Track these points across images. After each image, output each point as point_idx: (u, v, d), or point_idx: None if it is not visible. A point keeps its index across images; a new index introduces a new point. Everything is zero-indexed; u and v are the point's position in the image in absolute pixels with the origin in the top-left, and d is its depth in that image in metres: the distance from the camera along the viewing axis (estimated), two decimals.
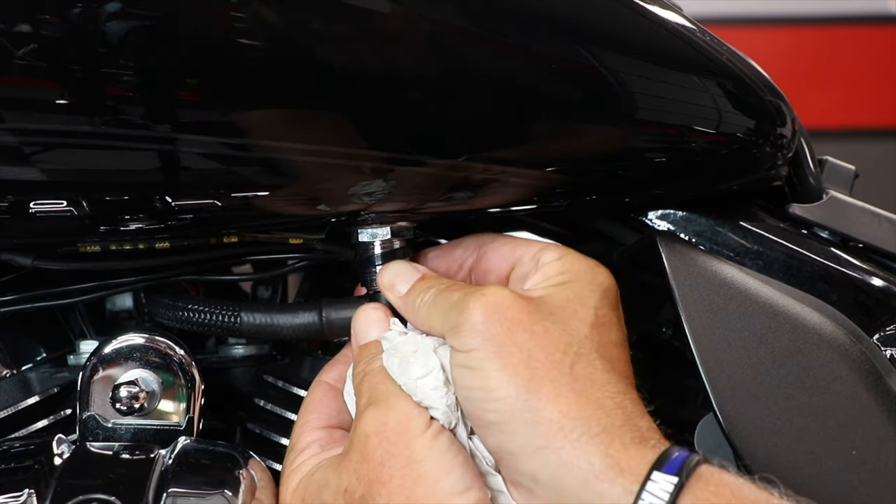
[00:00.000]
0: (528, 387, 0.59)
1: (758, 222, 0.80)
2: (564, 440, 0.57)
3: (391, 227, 0.74)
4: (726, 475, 0.56)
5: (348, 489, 0.62)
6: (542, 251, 0.69)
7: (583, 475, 0.57)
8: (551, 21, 0.68)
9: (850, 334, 0.71)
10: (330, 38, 0.63)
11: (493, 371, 0.60)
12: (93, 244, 0.73)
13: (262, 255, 0.80)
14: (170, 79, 0.62)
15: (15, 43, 0.60)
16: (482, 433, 0.62)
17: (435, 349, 0.66)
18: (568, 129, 0.71)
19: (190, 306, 0.77)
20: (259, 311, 0.76)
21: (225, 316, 0.76)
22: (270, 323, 0.76)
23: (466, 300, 0.63)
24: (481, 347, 0.61)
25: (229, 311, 0.76)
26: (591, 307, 0.64)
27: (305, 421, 0.70)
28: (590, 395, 0.60)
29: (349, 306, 0.74)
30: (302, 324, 0.76)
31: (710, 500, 0.54)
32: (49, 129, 0.62)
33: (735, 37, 0.81)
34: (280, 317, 0.76)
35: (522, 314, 0.62)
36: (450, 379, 0.64)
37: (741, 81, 0.74)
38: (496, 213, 0.76)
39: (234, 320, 0.76)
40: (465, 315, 0.62)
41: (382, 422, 0.62)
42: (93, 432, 0.71)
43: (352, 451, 0.63)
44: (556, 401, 0.59)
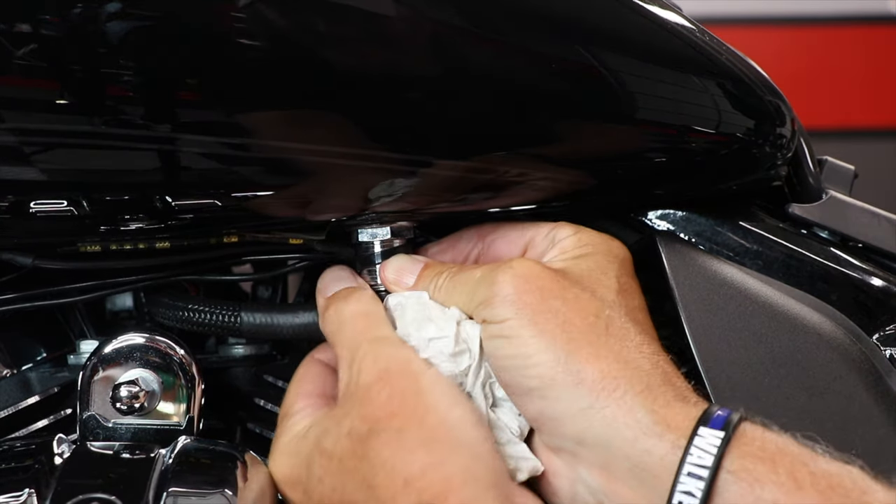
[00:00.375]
0: (567, 350, 0.60)
1: (757, 222, 0.80)
2: (609, 399, 0.58)
3: (391, 227, 0.74)
4: (769, 432, 0.56)
5: (351, 431, 0.60)
6: (554, 229, 0.70)
7: (630, 433, 0.57)
8: (551, 21, 0.68)
9: (849, 334, 0.71)
10: (330, 38, 0.63)
11: (531, 338, 0.60)
12: (93, 244, 0.73)
13: (262, 256, 0.80)
14: (170, 79, 0.62)
15: (15, 43, 0.60)
16: (522, 402, 0.62)
17: (458, 321, 0.66)
18: (567, 130, 0.71)
19: (190, 306, 0.77)
20: (259, 311, 0.76)
21: (225, 316, 0.76)
22: (270, 323, 0.76)
23: (494, 274, 0.63)
24: (516, 316, 0.61)
25: (229, 310, 0.76)
26: (613, 275, 0.66)
27: (298, 390, 0.69)
28: (628, 355, 0.60)
29: None
30: (302, 323, 0.76)
31: (755, 454, 0.55)
32: (49, 129, 0.63)
33: (735, 37, 0.81)
34: (280, 317, 0.76)
35: (552, 282, 0.63)
36: (472, 352, 0.65)
37: (741, 81, 0.74)
38: (496, 213, 0.76)
39: (234, 320, 0.76)
40: (495, 287, 0.63)
41: (384, 368, 0.61)
42: (93, 432, 0.71)
43: (351, 398, 0.62)
44: (597, 361, 0.59)
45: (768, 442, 0.55)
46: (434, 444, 0.57)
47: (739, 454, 0.55)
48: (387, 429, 0.58)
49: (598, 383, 0.58)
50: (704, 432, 0.55)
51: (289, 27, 0.63)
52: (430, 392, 0.60)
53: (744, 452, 0.55)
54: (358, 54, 0.64)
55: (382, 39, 0.64)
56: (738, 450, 0.55)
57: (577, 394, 0.58)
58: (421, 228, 0.79)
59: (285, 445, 0.65)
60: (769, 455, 0.54)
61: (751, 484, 0.53)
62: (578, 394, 0.58)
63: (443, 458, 0.56)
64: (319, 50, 0.64)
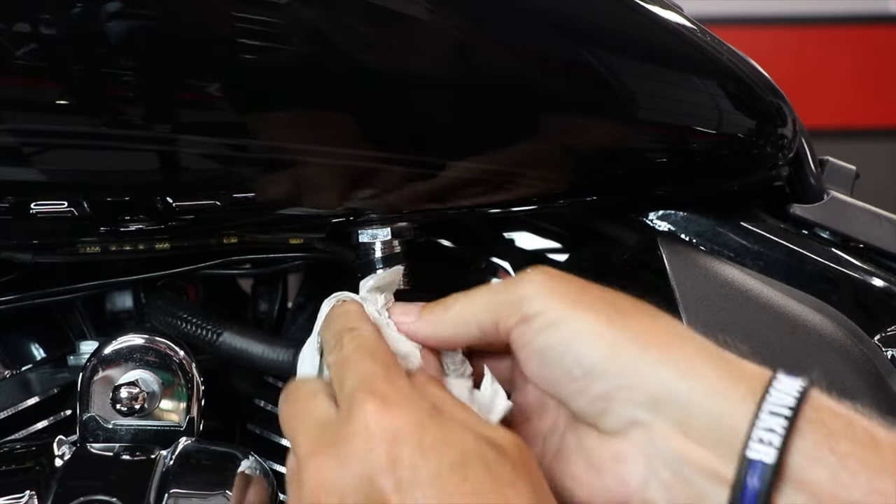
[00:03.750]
0: (622, 316, 0.58)
1: (758, 223, 0.80)
2: (679, 353, 0.56)
3: (392, 228, 0.74)
4: (835, 405, 0.54)
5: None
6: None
7: (706, 382, 0.55)
8: (552, 21, 0.68)
9: (850, 335, 0.71)
10: (330, 38, 0.63)
11: (581, 313, 0.58)
12: (93, 245, 0.73)
13: (262, 255, 0.80)
14: (170, 79, 0.62)
15: (15, 43, 0.60)
16: (583, 387, 0.58)
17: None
18: (568, 129, 0.71)
19: (180, 314, 0.76)
20: (241, 335, 0.75)
21: (207, 332, 0.75)
22: (247, 350, 0.75)
23: (513, 281, 0.61)
24: (556, 299, 0.59)
25: (211, 328, 0.75)
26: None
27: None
28: (675, 326, 0.58)
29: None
30: (275, 360, 0.75)
31: (832, 410, 0.53)
32: (49, 130, 0.63)
33: (735, 37, 0.81)
34: (257, 347, 0.75)
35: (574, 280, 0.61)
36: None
37: (741, 81, 0.74)
38: (496, 213, 0.76)
39: (215, 338, 0.75)
40: (521, 285, 0.60)
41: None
42: (93, 433, 0.71)
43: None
44: (656, 322, 0.58)
45: (842, 406, 0.54)
46: None
47: (816, 407, 0.53)
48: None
49: (664, 340, 0.56)
50: (782, 378, 0.54)
51: (288, 27, 0.63)
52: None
53: (819, 406, 0.53)
54: (357, 54, 0.64)
55: (381, 39, 0.64)
56: (815, 403, 0.53)
57: (646, 353, 0.56)
58: (421, 229, 0.79)
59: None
60: (845, 414, 0.53)
61: (826, 436, 0.52)
62: (648, 353, 0.56)
63: None
64: (319, 50, 0.64)
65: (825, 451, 0.51)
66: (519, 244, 0.98)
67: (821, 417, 0.52)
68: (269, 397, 0.82)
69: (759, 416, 0.52)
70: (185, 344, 0.74)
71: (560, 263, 0.95)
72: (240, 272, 0.84)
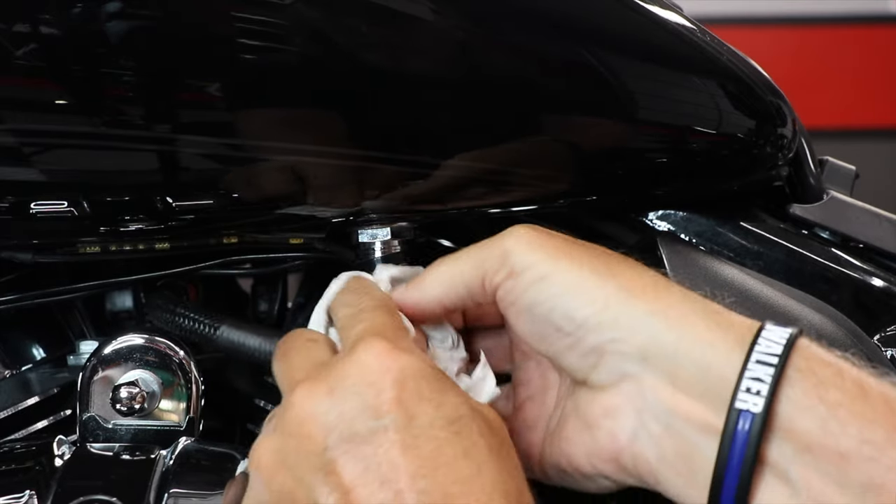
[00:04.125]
0: (609, 268, 0.57)
1: (758, 223, 0.80)
2: (668, 302, 0.55)
3: (392, 228, 0.74)
4: (824, 353, 0.53)
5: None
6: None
7: (696, 331, 0.54)
8: (551, 21, 0.68)
9: (850, 335, 0.71)
10: (329, 37, 0.63)
11: (569, 265, 0.57)
12: (93, 245, 0.73)
13: (262, 255, 0.80)
14: (169, 79, 0.62)
15: (15, 43, 0.60)
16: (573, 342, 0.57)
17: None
18: (568, 129, 0.71)
19: (178, 310, 0.76)
20: (239, 328, 0.75)
21: (205, 326, 0.75)
22: (244, 343, 0.75)
23: (499, 237, 0.60)
24: (544, 254, 0.58)
25: (209, 322, 0.75)
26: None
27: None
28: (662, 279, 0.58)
29: None
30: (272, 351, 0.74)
31: (821, 359, 0.52)
32: (49, 130, 0.63)
33: (735, 37, 0.81)
34: (254, 339, 0.75)
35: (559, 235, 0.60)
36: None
37: (741, 81, 0.74)
38: (496, 213, 0.76)
39: (213, 332, 0.75)
40: (506, 240, 0.60)
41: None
42: (93, 433, 0.71)
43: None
44: (645, 274, 0.57)
45: (831, 355, 0.53)
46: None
47: (805, 356, 0.52)
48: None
49: (651, 292, 0.56)
50: (771, 328, 0.53)
51: (287, 27, 0.63)
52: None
53: (809, 355, 0.52)
54: (357, 54, 0.64)
55: (381, 39, 0.64)
56: (804, 352, 0.52)
57: (636, 303, 0.56)
58: (421, 229, 0.79)
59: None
60: (834, 363, 0.52)
61: (815, 385, 0.51)
62: (637, 303, 0.56)
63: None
64: (318, 50, 0.64)
65: (814, 399, 0.51)
66: None
67: (810, 366, 0.52)
68: (269, 397, 0.82)
69: (748, 366, 0.52)
70: (185, 344, 0.74)
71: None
72: (240, 272, 0.84)
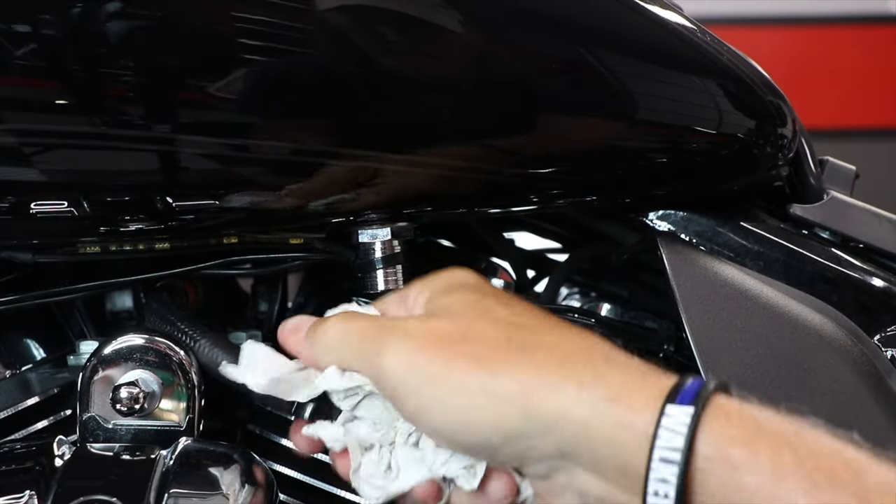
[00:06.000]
0: (495, 381, 0.55)
1: (758, 223, 0.80)
2: (568, 398, 0.53)
3: (392, 228, 0.74)
4: (747, 406, 0.51)
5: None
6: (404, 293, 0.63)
7: (601, 429, 0.52)
8: (551, 21, 0.68)
9: (850, 335, 0.71)
10: (329, 38, 0.63)
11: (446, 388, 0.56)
12: (93, 245, 0.73)
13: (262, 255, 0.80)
14: (169, 79, 0.62)
15: (15, 43, 0.60)
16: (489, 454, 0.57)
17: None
18: (568, 129, 0.71)
19: (168, 317, 0.76)
20: (215, 346, 0.74)
21: (186, 337, 0.74)
22: (215, 363, 0.74)
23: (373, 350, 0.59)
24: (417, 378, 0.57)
25: (191, 333, 0.74)
26: (484, 296, 0.60)
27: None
28: (555, 355, 0.55)
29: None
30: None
31: (732, 435, 0.50)
32: (49, 130, 0.63)
33: (735, 37, 0.81)
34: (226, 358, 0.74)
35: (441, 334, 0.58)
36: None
37: (741, 81, 0.74)
38: (496, 214, 0.76)
39: (193, 344, 0.74)
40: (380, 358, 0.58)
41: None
42: (93, 433, 0.71)
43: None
44: (533, 375, 0.54)
45: (746, 419, 0.51)
46: None
47: (714, 436, 0.50)
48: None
49: (547, 398, 0.54)
50: (673, 410, 0.50)
51: (287, 27, 0.63)
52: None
53: (719, 433, 0.50)
54: (357, 54, 0.64)
55: (381, 40, 0.64)
56: (713, 429, 0.50)
57: (533, 417, 0.54)
58: (421, 229, 0.79)
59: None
60: (748, 436, 0.50)
61: (730, 471, 0.49)
62: (534, 416, 0.54)
63: None
64: (318, 50, 0.64)
65: (732, 488, 0.49)
66: (519, 244, 0.98)
67: (721, 450, 0.50)
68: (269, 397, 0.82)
69: (652, 466, 0.50)
70: None
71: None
72: (240, 272, 0.84)
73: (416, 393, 0.57)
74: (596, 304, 0.96)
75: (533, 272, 0.97)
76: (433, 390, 0.56)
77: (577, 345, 0.56)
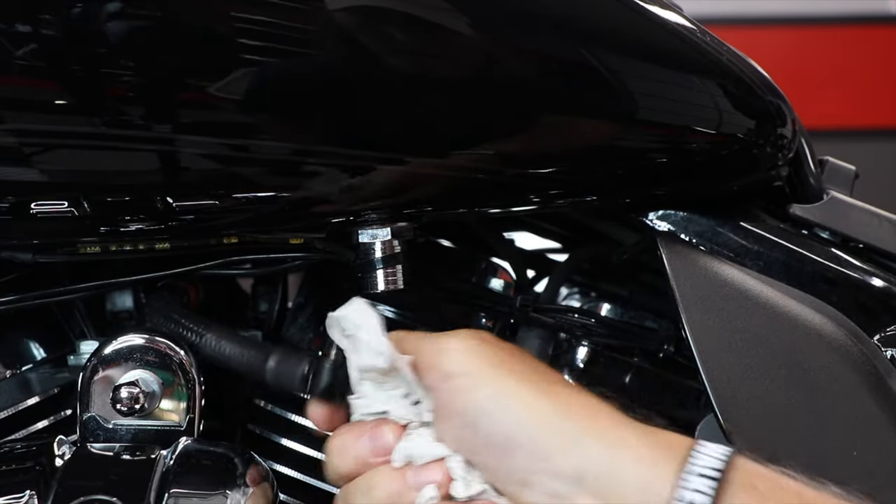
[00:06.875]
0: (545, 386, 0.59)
1: (758, 223, 0.80)
2: (597, 428, 0.56)
3: (392, 228, 0.74)
4: (762, 468, 0.55)
5: None
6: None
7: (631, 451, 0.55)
8: (551, 21, 0.68)
9: (850, 335, 0.71)
10: (329, 37, 0.63)
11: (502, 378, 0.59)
12: (93, 245, 0.73)
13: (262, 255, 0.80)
14: (170, 79, 0.62)
15: (15, 43, 0.60)
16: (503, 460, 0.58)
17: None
18: (568, 130, 0.71)
19: (171, 315, 0.76)
20: (221, 338, 0.74)
21: (190, 333, 0.75)
22: (221, 353, 0.74)
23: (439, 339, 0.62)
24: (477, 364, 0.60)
25: (196, 329, 0.75)
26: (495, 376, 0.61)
27: None
28: (592, 398, 0.59)
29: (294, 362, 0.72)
30: (247, 363, 0.74)
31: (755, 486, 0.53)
32: (49, 130, 0.63)
33: (735, 37, 0.81)
34: (231, 348, 0.74)
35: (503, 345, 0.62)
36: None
37: (741, 81, 0.74)
38: (496, 214, 0.76)
39: (198, 340, 0.75)
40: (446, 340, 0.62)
41: None
42: (93, 433, 0.71)
43: None
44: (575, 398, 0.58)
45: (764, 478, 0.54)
46: None
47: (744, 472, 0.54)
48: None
49: (582, 417, 0.57)
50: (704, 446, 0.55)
51: (287, 27, 0.63)
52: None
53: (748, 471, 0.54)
54: (357, 54, 0.64)
55: (381, 40, 0.64)
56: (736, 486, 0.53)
57: (564, 427, 0.56)
58: (421, 229, 0.79)
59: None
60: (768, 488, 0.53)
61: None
62: (565, 427, 0.56)
63: None
64: (318, 50, 0.64)
65: None
66: (519, 244, 0.98)
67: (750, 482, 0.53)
68: (269, 397, 0.82)
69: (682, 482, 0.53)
70: (184, 344, 0.74)
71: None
72: (240, 272, 0.84)
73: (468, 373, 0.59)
74: (596, 304, 0.95)
75: (533, 272, 0.97)
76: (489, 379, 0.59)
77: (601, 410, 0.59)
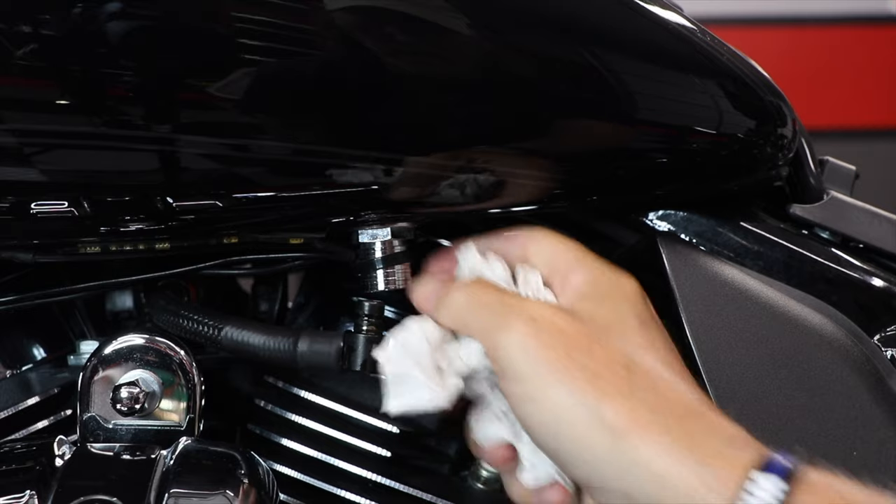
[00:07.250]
0: (601, 408, 0.58)
1: (758, 223, 0.80)
2: (652, 455, 0.56)
3: (392, 228, 0.74)
4: (834, 479, 0.55)
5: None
6: (569, 272, 0.66)
7: (679, 488, 0.55)
8: (551, 21, 0.68)
9: (850, 335, 0.71)
10: (329, 37, 0.63)
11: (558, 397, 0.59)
12: (93, 245, 0.73)
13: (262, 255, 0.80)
14: (170, 79, 0.62)
15: (15, 43, 0.60)
16: (562, 463, 0.60)
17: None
18: (568, 130, 0.71)
19: (182, 312, 0.76)
20: (243, 328, 0.75)
21: (208, 328, 0.75)
22: (245, 343, 0.74)
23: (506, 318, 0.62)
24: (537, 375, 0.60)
25: (213, 323, 0.75)
26: (633, 317, 0.64)
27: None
28: (662, 405, 0.58)
29: (326, 340, 0.73)
30: (275, 349, 0.74)
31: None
32: (49, 130, 0.63)
33: (735, 37, 0.81)
34: (255, 337, 0.75)
35: (576, 333, 0.61)
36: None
37: (741, 81, 0.74)
38: (496, 214, 0.76)
39: (217, 333, 0.75)
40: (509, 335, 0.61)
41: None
42: (93, 433, 0.71)
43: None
44: (634, 416, 0.57)
45: (832, 492, 0.54)
46: None
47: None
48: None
49: (639, 440, 0.56)
50: (763, 482, 0.54)
51: (287, 27, 0.63)
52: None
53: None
54: (357, 54, 0.64)
55: (381, 39, 0.64)
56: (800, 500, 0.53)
57: (619, 451, 0.57)
58: (422, 229, 0.79)
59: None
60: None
61: None
62: (621, 451, 0.57)
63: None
64: (318, 49, 0.64)
65: None
66: None
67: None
68: (269, 397, 0.82)
69: None
70: (185, 344, 0.74)
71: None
72: (240, 272, 0.84)
73: (522, 380, 0.60)
74: None
75: None
76: (539, 385, 0.59)
77: (682, 399, 0.59)
